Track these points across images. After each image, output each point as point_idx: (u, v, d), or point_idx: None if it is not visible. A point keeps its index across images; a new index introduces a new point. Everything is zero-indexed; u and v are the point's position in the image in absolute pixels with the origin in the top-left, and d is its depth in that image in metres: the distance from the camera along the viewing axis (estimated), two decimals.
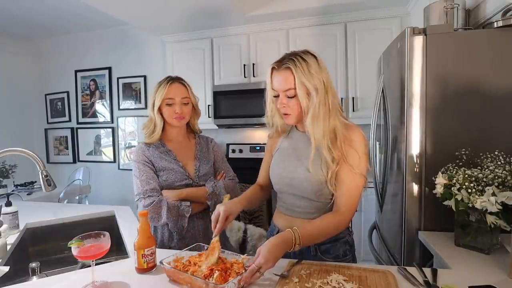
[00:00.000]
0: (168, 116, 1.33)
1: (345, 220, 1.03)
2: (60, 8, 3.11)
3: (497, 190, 0.99)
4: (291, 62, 0.98)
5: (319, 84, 0.98)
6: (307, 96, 0.98)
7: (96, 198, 3.79)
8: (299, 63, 0.97)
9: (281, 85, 1.01)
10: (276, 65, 1.02)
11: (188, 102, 1.36)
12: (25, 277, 1.34)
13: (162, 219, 1.26)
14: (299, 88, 0.97)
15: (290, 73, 0.98)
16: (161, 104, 1.32)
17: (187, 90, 1.37)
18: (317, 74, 0.98)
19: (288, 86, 0.99)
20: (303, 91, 0.98)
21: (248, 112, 2.98)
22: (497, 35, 1.28)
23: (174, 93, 1.32)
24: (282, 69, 1.00)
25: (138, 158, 1.33)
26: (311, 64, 0.98)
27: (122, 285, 0.93)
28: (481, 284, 0.83)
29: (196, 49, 3.19)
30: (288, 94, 1.00)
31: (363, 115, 2.63)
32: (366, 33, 2.69)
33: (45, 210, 1.91)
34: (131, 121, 3.77)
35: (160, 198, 1.26)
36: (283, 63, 1.00)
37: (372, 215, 2.31)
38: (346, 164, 1.00)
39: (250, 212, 2.71)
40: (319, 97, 0.98)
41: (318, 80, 0.98)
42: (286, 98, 1.02)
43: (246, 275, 0.84)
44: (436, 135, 1.33)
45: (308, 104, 0.99)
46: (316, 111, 0.98)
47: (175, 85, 1.34)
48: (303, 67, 0.97)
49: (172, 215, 1.26)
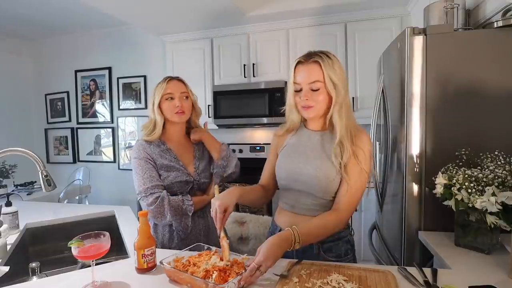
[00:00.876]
0: (169, 112, 1.32)
1: (344, 219, 1.04)
2: (61, 8, 3.11)
3: (497, 190, 0.99)
4: (319, 57, 1.03)
5: (342, 81, 1.04)
6: (334, 89, 1.03)
7: (96, 198, 3.79)
8: (326, 59, 1.03)
9: (307, 77, 1.04)
10: (303, 58, 1.06)
11: (188, 96, 1.36)
12: (25, 277, 1.34)
13: (166, 218, 1.25)
14: (328, 81, 1.02)
15: (318, 67, 1.02)
16: (160, 100, 1.32)
17: (186, 86, 1.38)
18: (340, 73, 1.04)
19: (315, 78, 1.03)
20: (331, 84, 1.02)
21: (248, 112, 2.98)
22: (497, 35, 1.28)
23: (173, 88, 1.33)
24: (309, 62, 1.04)
25: (139, 155, 1.31)
26: (335, 62, 1.04)
27: (122, 285, 0.93)
28: (481, 284, 0.83)
29: (196, 49, 3.19)
30: (313, 86, 1.03)
31: (363, 115, 2.62)
32: (366, 33, 2.69)
33: (45, 210, 1.91)
34: (131, 121, 3.77)
35: (162, 196, 1.25)
36: (311, 57, 1.04)
37: (372, 215, 2.31)
38: (356, 160, 1.03)
39: (250, 212, 2.70)
40: (343, 94, 1.04)
41: (341, 78, 1.04)
42: (310, 92, 1.04)
43: (246, 274, 0.84)
44: (436, 135, 1.33)
45: (335, 96, 1.03)
46: (341, 104, 1.04)
47: (174, 81, 1.35)
48: (329, 63, 1.03)
49: (177, 213, 1.26)
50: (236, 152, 3.35)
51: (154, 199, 1.24)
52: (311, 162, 1.08)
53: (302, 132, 1.17)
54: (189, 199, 1.30)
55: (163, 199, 1.24)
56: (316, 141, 1.11)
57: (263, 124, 3.00)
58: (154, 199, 1.24)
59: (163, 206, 1.24)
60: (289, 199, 1.15)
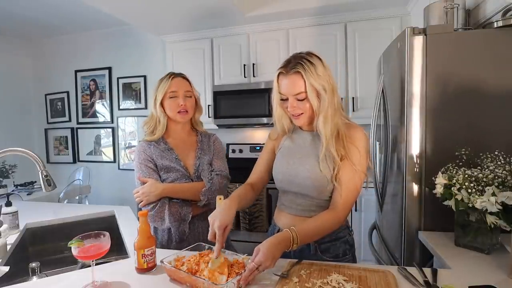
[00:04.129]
0: (172, 111, 1.30)
1: (341, 218, 1.04)
2: (60, 7, 3.11)
3: (497, 190, 0.99)
4: (300, 66, 0.98)
5: (327, 85, 1.00)
6: (317, 97, 1.00)
7: (96, 198, 3.79)
8: (307, 66, 0.98)
9: (291, 89, 1.00)
10: (283, 70, 1.02)
11: (191, 95, 1.34)
12: (25, 277, 1.34)
13: (165, 223, 1.24)
14: (310, 91, 0.98)
15: (300, 77, 0.98)
16: (163, 98, 1.30)
17: (190, 84, 1.36)
18: (324, 75, 1.00)
19: (298, 90, 0.99)
20: (314, 93, 0.99)
21: (248, 112, 2.98)
22: (497, 35, 1.28)
23: (177, 86, 1.30)
24: (291, 73, 1.00)
25: (139, 157, 1.31)
26: (317, 66, 0.99)
27: (122, 285, 0.93)
28: (481, 284, 0.83)
29: (196, 49, 3.19)
30: (299, 97, 1.01)
31: (363, 115, 2.63)
32: (366, 33, 2.69)
33: (45, 210, 1.91)
34: (131, 121, 3.77)
35: (163, 201, 1.24)
36: (291, 67, 0.99)
37: (372, 215, 2.31)
38: (348, 161, 1.02)
39: (250, 212, 2.71)
40: (328, 97, 0.99)
41: (325, 81, 0.99)
42: (296, 101, 1.02)
43: (246, 274, 0.84)
44: (436, 135, 1.33)
45: (319, 105, 1.00)
46: (327, 111, 1.00)
47: (178, 79, 1.33)
48: (311, 70, 0.98)
49: (175, 219, 1.25)
50: (236, 152, 3.36)
51: (154, 204, 1.24)
52: (304, 163, 1.08)
53: (296, 133, 1.17)
54: (188, 205, 1.29)
55: (164, 204, 1.24)
56: (309, 142, 1.12)
57: (263, 124, 3.00)
58: (154, 204, 1.24)
59: (163, 211, 1.24)
60: (286, 200, 1.15)
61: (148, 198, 1.23)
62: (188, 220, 1.27)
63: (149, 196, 1.23)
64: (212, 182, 1.30)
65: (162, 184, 1.27)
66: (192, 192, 1.28)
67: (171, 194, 1.26)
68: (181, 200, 1.29)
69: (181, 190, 1.28)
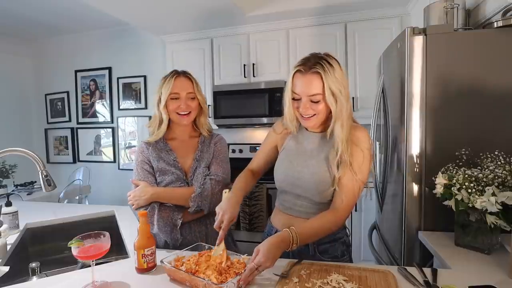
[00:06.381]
0: (173, 112, 1.27)
1: (341, 219, 1.03)
2: (61, 8, 3.11)
3: (497, 190, 0.99)
4: (320, 67, 0.95)
5: (343, 89, 0.98)
6: (335, 100, 0.97)
7: (96, 198, 3.79)
8: (327, 67, 0.95)
9: (307, 89, 0.98)
10: (302, 67, 0.98)
11: (194, 97, 1.30)
12: (25, 277, 1.34)
13: (154, 227, 1.20)
14: (328, 94, 0.96)
15: (318, 78, 0.96)
16: (166, 99, 1.26)
17: (193, 85, 1.31)
18: (341, 79, 0.98)
19: (315, 91, 0.97)
20: (331, 96, 0.96)
21: (248, 112, 2.98)
22: (497, 35, 1.28)
23: (179, 87, 1.27)
24: (310, 73, 0.96)
25: (137, 160, 1.30)
26: (336, 68, 0.97)
27: (122, 285, 0.93)
28: (481, 284, 0.83)
29: (196, 49, 3.19)
30: (314, 99, 0.98)
31: (363, 115, 2.62)
32: (366, 33, 2.69)
33: (45, 210, 1.91)
34: (131, 121, 3.77)
35: (152, 206, 1.21)
36: (310, 66, 0.96)
37: (372, 215, 2.31)
38: (350, 166, 1.01)
39: (250, 212, 2.71)
40: (345, 101, 0.98)
41: (342, 85, 0.97)
42: (310, 102, 0.99)
43: (246, 274, 0.84)
44: (436, 135, 1.33)
45: (336, 108, 0.98)
46: (344, 115, 0.98)
47: (181, 79, 1.29)
48: (330, 72, 0.95)
49: (166, 224, 1.21)
50: (236, 152, 3.36)
51: (144, 208, 1.21)
52: (308, 166, 1.07)
53: (301, 134, 1.14)
54: (180, 211, 1.24)
55: (153, 209, 1.21)
56: (315, 145, 1.10)
57: (263, 124, 3.00)
58: (144, 208, 1.21)
59: (152, 216, 1.21)
60: (286, 201, 1.14)
61: (138, 202, 1.21)
62: (178, 226, 1.22)
63: (139, 200, 1.21)
64: (204, 188, 1.24)
65: (152, 188, 1.23)
66: (182, 198, 1.23)
67: (160, 199, 1.23)
68: (174, 205, 1.24)
69: (171, 195, 1.24)
